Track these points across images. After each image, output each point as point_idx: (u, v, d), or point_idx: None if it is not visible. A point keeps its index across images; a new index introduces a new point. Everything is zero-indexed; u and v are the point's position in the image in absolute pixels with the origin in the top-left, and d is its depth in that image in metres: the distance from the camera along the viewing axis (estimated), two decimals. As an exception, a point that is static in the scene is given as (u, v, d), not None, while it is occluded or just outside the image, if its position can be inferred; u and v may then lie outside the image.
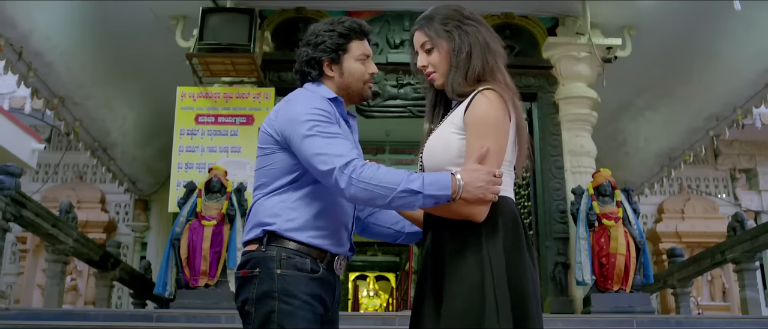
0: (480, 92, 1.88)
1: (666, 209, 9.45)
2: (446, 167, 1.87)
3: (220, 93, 6.14)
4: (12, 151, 6.35)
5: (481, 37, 1.96)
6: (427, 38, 2.00)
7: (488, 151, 1.82)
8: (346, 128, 2.06)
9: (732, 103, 7.01)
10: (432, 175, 1.80)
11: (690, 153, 8.03)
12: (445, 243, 1.85)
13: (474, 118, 1.85)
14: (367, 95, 2.14)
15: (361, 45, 2.10)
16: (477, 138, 1.84)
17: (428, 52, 2.01)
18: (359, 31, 2.10)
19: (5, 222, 4.85)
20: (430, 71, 2.01)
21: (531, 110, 6.59)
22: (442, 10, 2.02)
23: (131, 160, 8.55)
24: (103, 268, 6.59)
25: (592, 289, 5.27)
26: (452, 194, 1.76)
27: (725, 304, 8.82)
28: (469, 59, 1.93)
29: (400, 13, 6.50)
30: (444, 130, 1.93)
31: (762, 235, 5.37)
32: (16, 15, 5.52)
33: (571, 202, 5.68)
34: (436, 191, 1.76)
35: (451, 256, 1.83)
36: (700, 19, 6.12)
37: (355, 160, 1.83)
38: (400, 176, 1.78)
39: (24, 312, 5.37)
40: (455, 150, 1.88)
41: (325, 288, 1.96)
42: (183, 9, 6.06)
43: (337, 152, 1.85)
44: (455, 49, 1.94)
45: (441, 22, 1.99)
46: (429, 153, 1.94)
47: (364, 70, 2.10)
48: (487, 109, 1.85)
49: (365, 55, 2.11)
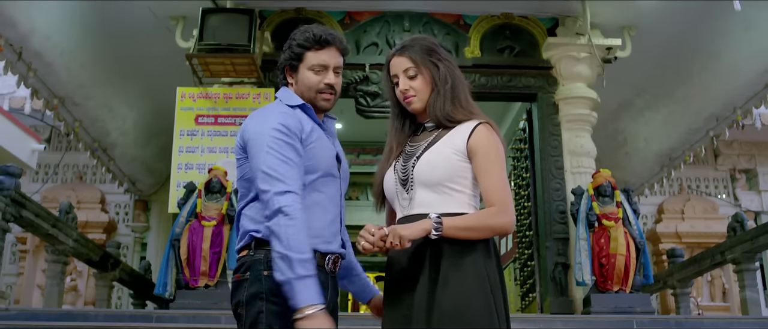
0: (482, 124, 2.07)
1: (666, 209, 9.45)
2: (445, 182, 2.03)
3: (220, 93, 6.14)
4: (12, 151, 6.36)
5: (457, 72, 2.15)
6: (413, 64, 2.12)
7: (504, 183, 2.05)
8: (319, 132, 2.11)
9: (732, 103, 7.01)
10: (307, 282, 1.84)
11: (690, 153, 8.03)
12: (443, 258, 1.97)
13: (484, 148, 2.04)
14: (323, 106, 2.13)
15: (318, 55, 2.11)
16: (494, 165, 2.04)
17: (411, 78, 2.12)
18: (319, 41, 2.11)
19: (5, 223, 4.84)
20: (411, 95, 2.13)
21: (531, 110, 6.59)
22: (422, 41, 2.17)
23: (131, 160, 8.55)
24: (102, 268, 6.59)
25: (592, 289, 5.27)
26: (301, 304, 1.83)
27: (725, 304, 8.81)
28: (454, 90, 2.11)
29: (399, 14, 6.50)
30: (443, 150, 2.06)
31: (762, 235, 5.37)
32: (16, 15, 5.51)
33: (571, 202, 5.67)
34: (291, 291, 1.84)
35: (451, 269, 1.95)
36: (700, 20, 6.12)
37: (293, 194, 1.92)
38: (306, 247, 1.87)
39: (24, 312, 5.37)
40: (456, 170, 2.04)
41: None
42: (183, 9, 6.05)
43: (282, 177, 1.94)
44: (441, 78, 2.11)
45: (425, 53, 2.13)
46: (428, 167, 2.05)
47: (318, 80, 2.11)
48: (496, 141, 2.06)
49: (321, 66, 2.11)
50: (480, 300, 1.91)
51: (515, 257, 7.51)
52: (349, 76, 6.30)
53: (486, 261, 1.98)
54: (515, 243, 7.54)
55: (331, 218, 2.08)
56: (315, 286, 1.85)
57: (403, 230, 1.93)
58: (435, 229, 1.94)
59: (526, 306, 6.99)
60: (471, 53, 6.34)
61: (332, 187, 2.11)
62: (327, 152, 2.11)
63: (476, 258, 1.97)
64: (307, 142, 2.05)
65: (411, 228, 1.94)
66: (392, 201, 2.16)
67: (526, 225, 6.88)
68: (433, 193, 2.04)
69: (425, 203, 2.03)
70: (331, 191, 2.10)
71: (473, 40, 6.39)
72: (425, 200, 2.04)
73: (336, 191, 2.12)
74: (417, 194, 2.06)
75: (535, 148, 6.38)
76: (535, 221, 6.31)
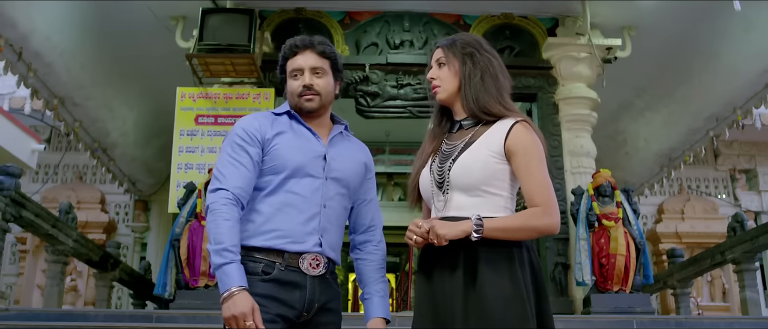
0: (519, 123, 2.02)
1: (666, 209, 9.45)
2: (481, 186, 1.99)
3: (219, 94, 6.14)
4: (12, 151, 6.35)
5: (493, 69, 2.10)
6: (444, 55, 2.13)
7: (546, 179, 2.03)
8: (289, 135, 2.16)
9: (732, 103, 7.01)
10: (225, 269, 1.95)
11: (690, 154, 8.03)
12: (479, 261, 1.94)
13: (523, 148, 2.00)
14: (306, 107, 2.19)
15: (294, 61, 2.21)
16: (535, 165, 2.01)
17: (439, 67, 2.14)
18: (293, 48, 2.22)
19: (5, 223, 4.84)
20: (436, 84, 2.14)
21: (531, 110, 6.59)
22: (465, 36, 2.19)
23: (131, 160, 8.55)
24: (102, 269, 6.59)
25: (592, 290, 5.27)
26: (222, 291, 1.93)
27: (725, 305, 8.82)
28: (484, 82, 2.08)
29: (399, 14, 6.50)
30: (479, 152, 2.02)
31: (762, 235, 5.37)
32: (16, 15, 5.52)
33: (571, 202, 5.67)
34: (220, 278, 1.95)
35: (486, 272, 1.92)
36: (700, 20, 6.12)
37: (222, 191, 2.03)
38: (224, 237, 1.96)
39: (24, 312, 5.36)
40: (493, 173, 2.00)
41: (284, 288, 2.03)
42: (183, 9, 6.05)
43: (222, 175, 2.07)
44: (467, 72, 2.09)
45: (460, 45, 2.13)
46: (464, 170, 2.01)
47: (297, 84, 2.20)
48: (535, 139, 2.02)
49: (297, 70, 2.20)
50: (517, 306, 1.87)
51: (515, 257, 7.50)
52: (349, 77, 6.30)
53: (522, 266, 1.95)
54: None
55: (305, 218, 2.09)
56: (233, 271, 1.94)
57: (442, 229, 1.91)
58: (475, 231, 1.91)
59: (526, 306, 6.98)
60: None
61: (309, 187, 2.11)
62: (297, 152, 2.13)
63: (513, 262, 1.93)
64: (270, 144, 2.12)
65: (451, 228, 1.92)
66: (428, 201, 2.13)
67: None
68: (469, 196, 2.00)
69: (461, 207, 2.00)
70: (306, 191, 2.11)
71: (473, 40, 6.38)
72: (461, 204, 2.01)
73: (314, 190, 2.12)
74: (453, 197, 2.03)
75: (535, 148, 6.37)
76: (535, 221, 6.30)
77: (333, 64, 2.24)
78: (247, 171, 2.08)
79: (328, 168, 2.17)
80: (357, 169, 2.26)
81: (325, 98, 2.21)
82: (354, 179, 2.24)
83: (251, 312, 1.90)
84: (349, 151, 2.27)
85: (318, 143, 2.19)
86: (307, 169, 2.13)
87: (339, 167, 2.19)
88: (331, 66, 2.24)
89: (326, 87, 2.21)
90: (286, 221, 2.07)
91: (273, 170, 2.11)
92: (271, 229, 2.06)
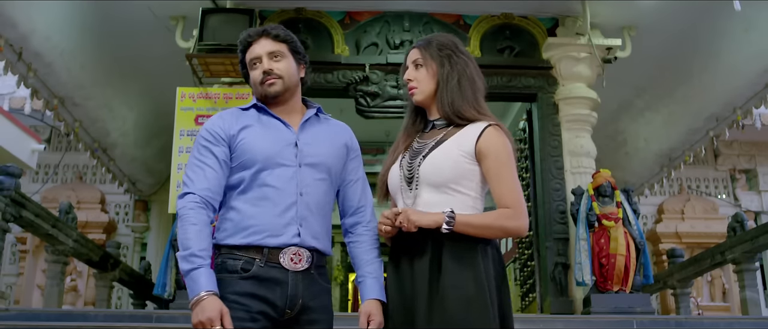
0: (491, 126, 2.06)
1: (666, 209, 9.45)
2: (450, 183, 2.02)
3: (220, 94, 6.14)
4: (12, 151, 6.34)
5: (469, 72, 2.14)
6: (421, 56, 2.15)
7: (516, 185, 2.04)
8: (256, 128, 2.14)
9: (732, 103, 7.01)
10: (192, 275, 1.95)
11: (690, 154, 8.03)
12: (445, 256, 1.96)
13: (495, 151, 2.03)
14: (270, 93, 2.17)
15: (251, 52, 2.20)
16: (506, 168, 2.03)
17: (417, 68, 2.16)
18: (245, 43, 2.22)
19: (5, 223, 4.84)
20: (413, 86, 2.16)
21: (531, 110, 6.59)
22: (440, 37, 2.20)
23: (131, 160, 8.55)
24: (102, 269, 6.59)
25: (592, 290, 5.27)
26: (191, 297, 1.94)
27: (725, 305, 8.81)
28: (461, 86, 2.10)
29: (399, 14, 6.50)
30: (450, 151, 2.05)
31: (762, 236, 5.37)
32: (16, 15, 5.51)
33: (571, 202, 5.67)
34: (189, 284, 1.96)
35: (451, 269, 1.94)
36: (700, 20, 6.12)
37: (190, 195, 2.04)
38: (191, 243, 1.97)
39: (23, 312, 5.36)
40: (463, 172, 2.03)
41: (264, 285, 2.00)
42: (183, 9, 6.05)
43: (189, 179, 2.08)
44: (445, 74, 2.11)
45: (437, 47, 2.15)
46: (434, 167, 2.04)
47: (257, 73, 2.19)
48: (507, 143, 2.06)
49: (255, 59, 2.19)
50: (479, 309, 1.90)
51: (515, 257, 7.51)
52: (349, 77, 6.30)
53: (486, 261, 1.98)
54: (515, 243, 7.54)
55: (281, 209, 2.06)
56: (201, 277, 1.94)
57: (414, 215, 1.94)
58: (446, 223, 1.93)
59: (526, 306, 6.99)
60: (471, 53, 6.33)
61: (283, 177, 2.08)
62: (265, 143, 2.10)
63: (476, 257, 1.96)
64: (236, 140, 2.11)
65: (423, 216, 1.95)
66: (395, 196, 2.15)
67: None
68: (438, 193, 2.03)
69: (429, 203, 2.03)
70: (280, 182, 2.07)
71: (473, 40, 6.38)
72: (429, 200, 2.03)
73: (288, 179, 2.08)
74: (421, 193, 2.05)
75: (535, 148, 6.38)
76: (535, 221, 6.31)
77: (292, 48, 2.22)
78: (213, 172, 2.08)
79: (301, 155, 2.12)
80: (335, 151, 2.21)
81: (288, 81, 2.18)
82: (334, 162, 2.19)
83: (219, 316, 1.89)
84: (324, 134, 2.22)
85: (288, 131, 2.15)
86: (278, 159, 2.09)
87: (314, 152, 2.15)
88: (290, 50, 2.21)
89: (287, 69, 2.18)
90: (263, 215, 2.04)
91: (243, 165, 2.09)
92: (248, 225, 2.04)
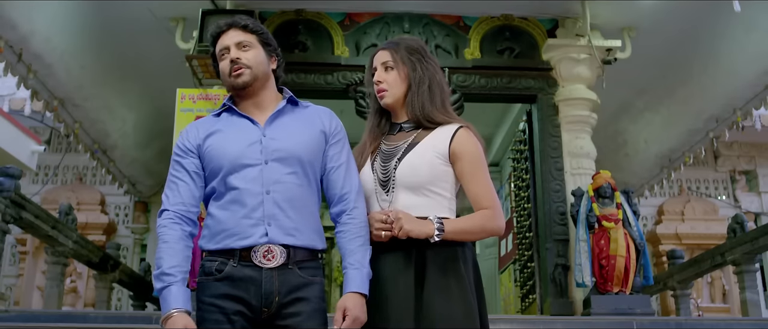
0: (463, 128, 2.09)
1: (666, 210, 9.45)
2: (427, 185, 2.04)
3: (219, 95, 6.13)
4: (12, 153, 6.35)
5: (438, 76, 2.17)
6: (390, 58, 2.16)
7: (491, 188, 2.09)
8: (221, 132, 2.14)
9: (732, 104, 7.01)
10: (163, 294, 1.99)
11: (690, 155, 8.03)
12: (428, 261, 1.99)
13: (469, 152, 2.07)
14: (237, 83, 2.15)
15: (219, 44, 2.20)
16: (480, 169, 2.08)
17: (386, 70, 2.16)
18: (215, 35, 2.22)
19: (5, 224, 4.84)
20: (383, 88, 2.15)
21: (530, 111, 6.59)
22: (408, 41, 2.22)
23: (131, 162, 8.55)
24: (102, 270, 6.58)
25: (592, 291, 5.27)
26: (162, 315, 1.97)
27: (725, 306, 8.81)
28: (431, 91, 2.12)
29: (399, 15, 6.50)
30: (425, 153, 2.07)
31: (762, 237, 5.36)
32: (16, 17, 5.51)
33: (570, 204, 5.67)
34: (161, 302, 1.99)
35: (436, 274, 1.97)
36: (700, 21, 6.12)
37: (165, 212, 2.10)
38: (162, 261, 2.02)
39: (23, 313, 5.36)
40: (438, 174, 2.06)
41: (238, 285, 2.00)
42: (183, 11, 6.05)
43: (165, 196, 2.12)
44: (417, 78, 2.13)
45: (406, 50, 2.16)
46: (411, 170, 2.06)
47: (225, 64, 2.17)
48: (478, 145, 2.10)
49: (223, 49, 2.18)
50: (468, 304, 1.95)
51: (515, 258, 7.50)
52: (349, 78, 6.30)
53: (466, 265, 2.02)
54: (515, 245, 7.54)
55: (247, 210, 2.03)
56: (171, 295, 1.97)
57: (408, 225, 1.95)
58: (437, 235, 1.96)
59: (526, 307, 6.99)
60: (471, 55, 6.34)
61: (248, 177, 2.05)
62: (229, 146, 2.09)
63: (460, 262, 2.00)
64: (203, 149, 2.13)
65: (416, 226, 1.96)
66: (368, 199, 2.14)
67: (525, 227, 6.88)
68: (415, 195, 2.05)
69: (407, 206, 2.04)
70: (245, 183, 2.05)
71: (473, 41, 6.39)
72: (407, 203, 2.04)
73: (253, 179, 2.05)
74: (399, 196, 2.06)
75: (535, 149, 6.38)
76: (534, 222, 6.30)
77: (262, 39, 2.20)
78: (185, 185, 2.11)
79: (266, 151, 2.07)
80: (308, 140, 2.13)
81: (256, 70, 2.14)
82: (305, 152, 2.10)
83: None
84: (295, 124, 2.15)
85: (254, 128, 2.12)
86: (243, 160, 2.06)
87: (279, 147, 2.09)
88: (259, 41, 2.19)
89: (256, 59, 2.15)
90: (231, 219, 2.04)
91: (213, 172, 2.10)
92: (220, 230, 2.05)
